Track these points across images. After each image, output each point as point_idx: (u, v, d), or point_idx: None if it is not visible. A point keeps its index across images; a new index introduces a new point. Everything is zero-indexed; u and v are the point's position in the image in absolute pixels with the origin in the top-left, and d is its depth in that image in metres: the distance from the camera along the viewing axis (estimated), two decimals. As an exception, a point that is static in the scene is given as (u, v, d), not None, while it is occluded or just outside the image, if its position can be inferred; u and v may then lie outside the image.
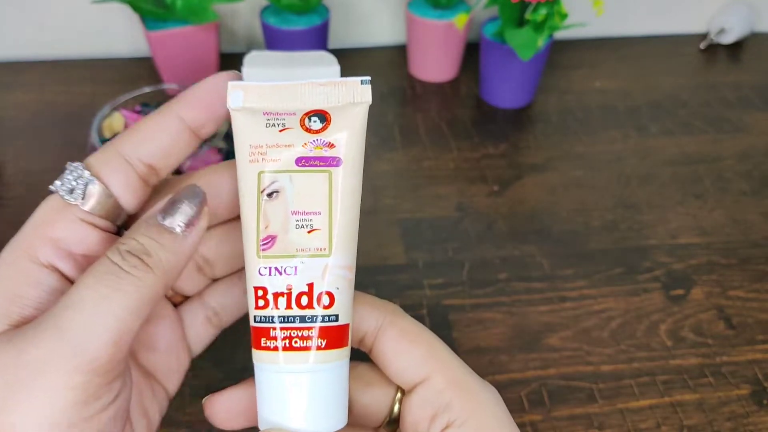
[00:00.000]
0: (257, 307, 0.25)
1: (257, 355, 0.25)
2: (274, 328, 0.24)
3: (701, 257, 0.51)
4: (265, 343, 0.24)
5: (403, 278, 0.49)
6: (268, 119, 0.25)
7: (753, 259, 0.51)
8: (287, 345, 0.24)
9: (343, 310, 0.25)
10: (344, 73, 0.41)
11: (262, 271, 0.24)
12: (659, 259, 0.51)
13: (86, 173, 0.23)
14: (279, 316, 0.24)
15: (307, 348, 0.24)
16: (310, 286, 0.24)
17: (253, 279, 0.25)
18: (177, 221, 0.23)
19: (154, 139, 0.24)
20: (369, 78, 0.26)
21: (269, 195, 0.24)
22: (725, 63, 0.76)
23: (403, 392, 0.27)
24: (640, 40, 0.79)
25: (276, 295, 0.24)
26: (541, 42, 0.59)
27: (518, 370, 0.43)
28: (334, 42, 0.74)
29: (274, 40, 0.66)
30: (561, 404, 0.42)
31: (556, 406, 0.42)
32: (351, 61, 0.74)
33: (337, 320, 0.25)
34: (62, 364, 0.20)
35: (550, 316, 0.47)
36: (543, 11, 0.58)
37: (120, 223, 0.25)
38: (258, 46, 0.76)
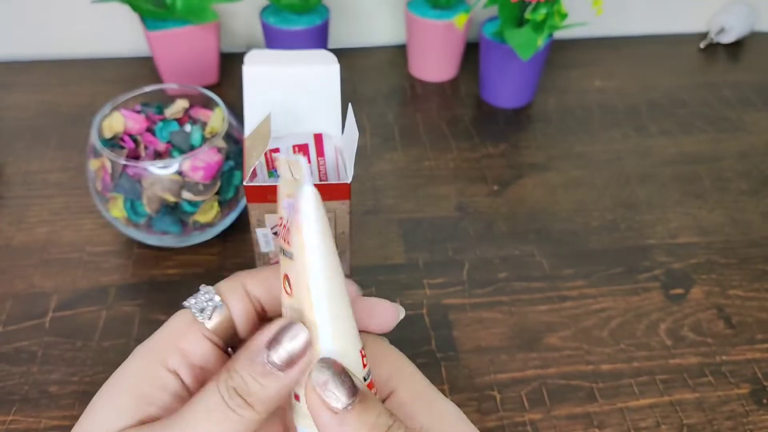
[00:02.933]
0: None
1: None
2: None
3: (701, 257, 0.51)
4: None
5: (403, 278, 0.49)
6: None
7: (752, 258, 0.51)
8: None
9: None
10: (344, 73, 0.41)
11: None
12: (659, 259, 0.51)
13: (217, 298, 0.27)
14: None
15: None
16: None
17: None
18: (280, 359, 0.24)
19: (272, 287, 0.28)
20: None
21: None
22: (725, 63, 0.76)
23: None
24: (640, 40, 0.79)
25: None
26: (541, 42, 0.59)
27: (518, 370, 0.43)
28: (334, 42, 0.74)
29: (274, 40, 0.66)
30: (561, 403, 0.42)
31: (556, 405, 0.42)
32: (351, 61, 0.74)
33: None
34: None
35: (549, 316, 0.47)
36: (543, 11, 0.58)
37: (232, 345, 0.28)
38: (258, 46, 0.76)
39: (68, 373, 0.43)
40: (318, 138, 0.39)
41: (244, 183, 0.34)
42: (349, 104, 0.37)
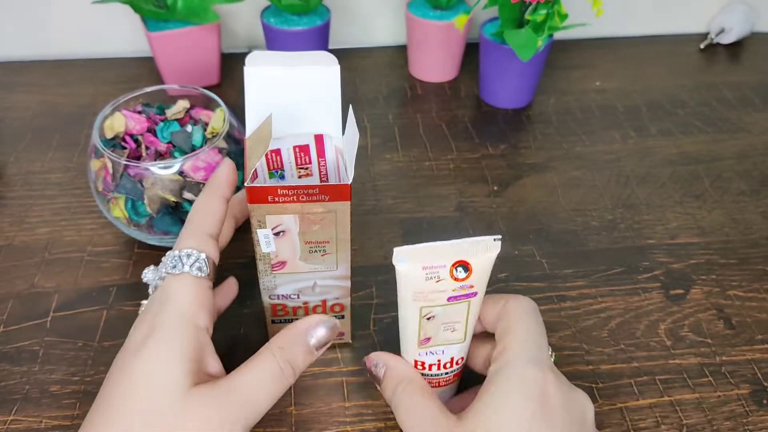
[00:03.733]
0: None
1: None
2: None
3: (700, 257, 0.52)
4: None
5: (404, 278, 0.49)
6: (427, 273, 0.33)
7: (752, 258, 0.52)
8: None
9: None
10: (344, 74, 0.41)
11: (421, 353, 0.37)
12: (658, 259, 0.51)
13: (202, 255, 0.35)
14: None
15: None
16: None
17: (416, 355, 0.37)
18: (318, 344, 0.36)
19: (219, 220, 0.37)
20: (500, 237, 0.34)
21: (428, 319, 0.35)
22: (725, 63, 0.76)
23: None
24: (640, 40, 0.79)
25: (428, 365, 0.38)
26: (541, 42, 0.59)
27: (518, 370, 0.43)
28: (334, 42, 0.74)
29: (275, 41, 0.66)
30: (561, 403, 0.42)
31: (555, 405, 0.42)
32: (351, 61, 0.74)
33: None
34: (246, 422, 0.33)
35: (549, 316, 0.47)
36: (543, 11, 0.58)
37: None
38: (259, 47, 0.76)
39: (69, 372, 0.43)
40: (319, 139, 0.39)
41: (246, 184, 0.34)
42: (350, 105, 0.37)
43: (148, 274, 0.36)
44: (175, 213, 0.47)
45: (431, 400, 0.35)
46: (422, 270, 0.33)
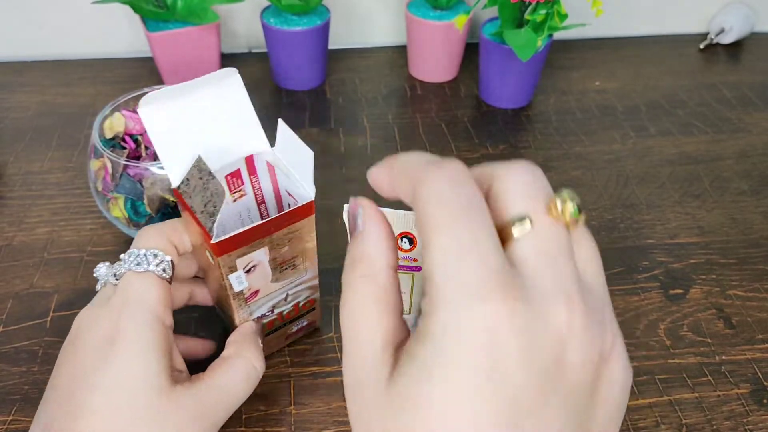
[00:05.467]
0: None
1: None
2: None
3: (700, 257, 0.51)
4: None
5: (403, 278, 0.49)
6: None
7: (752, 258, 0.52)
8: None
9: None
10: (344, 74, 0.40)
11: None
12: (658, 259, 0.51)
13: (168, 258, 0.36)
14: None
15: None
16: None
17: None
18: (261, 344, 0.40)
19: (181, 234, 0.37)
20: None
21: None
22: (725, 63, 0.76)
23: None
24: (639, 40, 0.79)
25: None
26: (541, 42, 0.59)
27: (518, 369, 0.43)
28: (334, 42, 0.74)
29: (275, 41, 0.66)
30: (560, 403, 0.42)
31: (555, 405, 0.42)
32: (351, 61, 0.74)
33: None
34: (223, 419, 0.36)
35: (549, 316, 0.47)
36: (542, 11, 0.58)
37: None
38: (259, 47, 0.76)
39: (69, 372, 0.43)
40: (249, 160, 0.38)
41: (212, 241, 0.32)
42: (279, 120, 0.36)
43: (102, 269, 0.37)
44: (175, 213, 0.47)
45: (385, 322, 0.24)
46: None
